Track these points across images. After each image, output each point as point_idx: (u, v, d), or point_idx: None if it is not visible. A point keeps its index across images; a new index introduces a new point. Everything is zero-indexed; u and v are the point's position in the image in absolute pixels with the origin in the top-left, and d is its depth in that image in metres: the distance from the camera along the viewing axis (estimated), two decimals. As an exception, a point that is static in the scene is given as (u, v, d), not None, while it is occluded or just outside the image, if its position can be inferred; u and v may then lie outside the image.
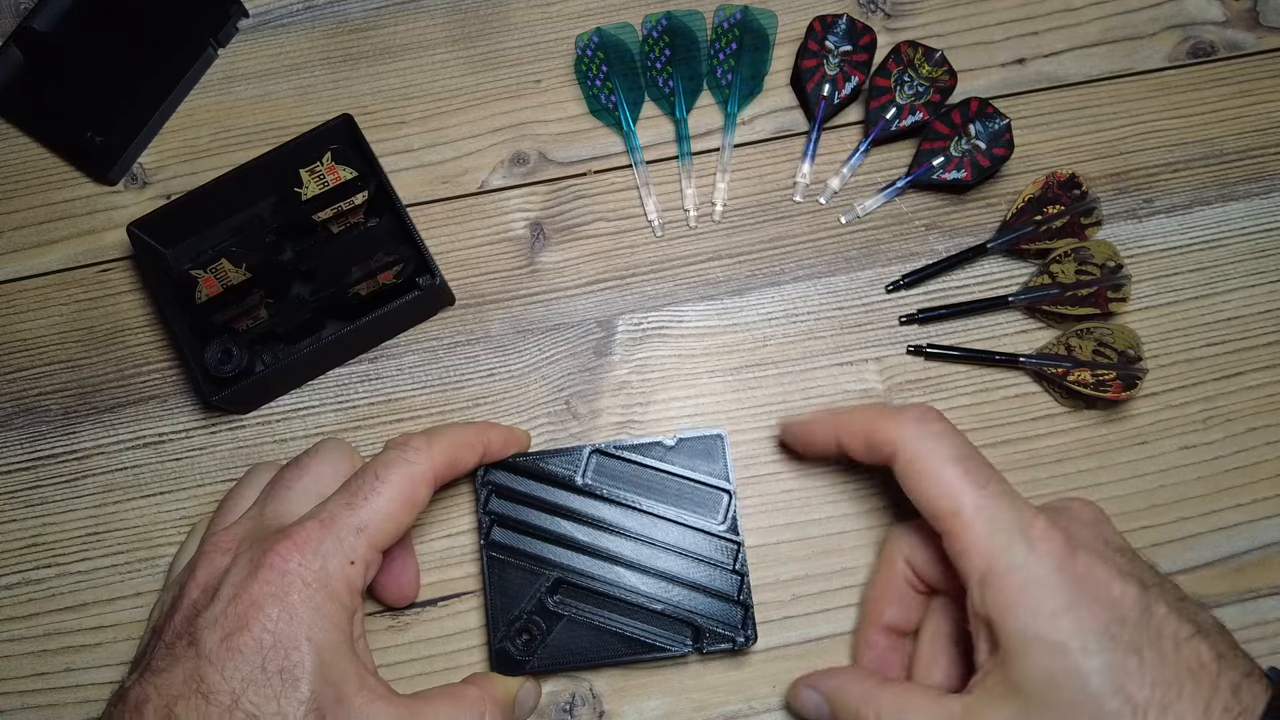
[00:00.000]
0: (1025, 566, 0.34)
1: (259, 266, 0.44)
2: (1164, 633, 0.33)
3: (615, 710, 0.43)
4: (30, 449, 0.47)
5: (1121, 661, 0.32)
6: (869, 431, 0.39)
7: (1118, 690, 0.32)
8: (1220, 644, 0.33)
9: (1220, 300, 0.48)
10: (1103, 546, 0.35)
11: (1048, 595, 0.33)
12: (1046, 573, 0.33)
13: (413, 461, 0.38)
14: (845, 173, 0.50)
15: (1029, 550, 0.34)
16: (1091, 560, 0.34)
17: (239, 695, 0.32)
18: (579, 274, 0.49)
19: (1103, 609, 0.33)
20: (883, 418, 0.38)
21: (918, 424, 0.37)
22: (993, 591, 0.34)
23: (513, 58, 0.52)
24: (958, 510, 0.35)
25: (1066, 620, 0.33)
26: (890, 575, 0.41)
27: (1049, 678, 0.32)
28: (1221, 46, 0.52)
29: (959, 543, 0.35)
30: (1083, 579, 0.33)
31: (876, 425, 0.38)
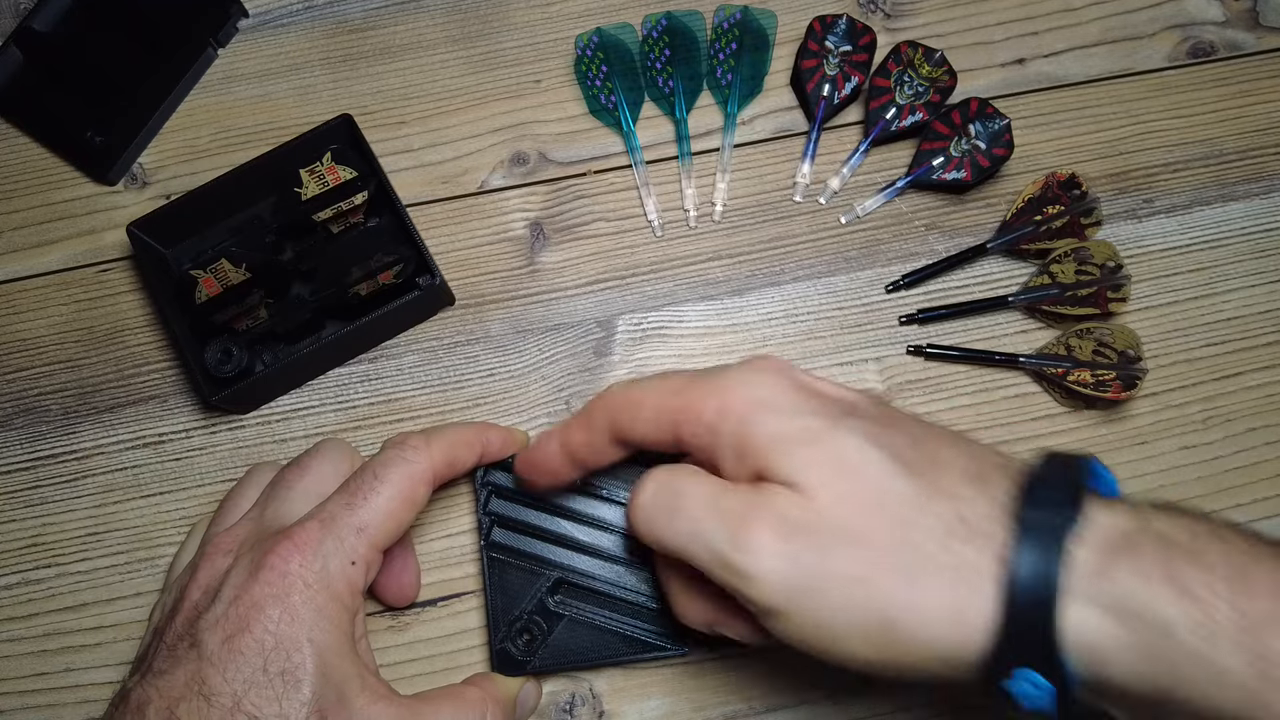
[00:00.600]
0: (748, 381, 0.32)
1: (259, 266, 0.44)
2: (907, 419, 0.32)
3: (615, 710, 0.43)
4: (30, 449, 0.47)
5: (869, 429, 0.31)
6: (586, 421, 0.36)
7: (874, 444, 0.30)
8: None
9: (1220, 300, 0.48)
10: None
11: (778, 394, 0.31)
12: (771, 380, 0.32)
13: (411, 460, 0.38)
14: (845, 173, 0.50)
15: (746, 370, 0.33)
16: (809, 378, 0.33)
17: (240, 697, 0.32)
18: (579, 274, 0.49)
19: (838, 403, 0.32)
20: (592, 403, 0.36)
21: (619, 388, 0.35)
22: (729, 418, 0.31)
23: (512, 58, 0.52)
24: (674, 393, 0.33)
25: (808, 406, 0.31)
26: None
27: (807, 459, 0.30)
28: (1221, 46, 0.52)
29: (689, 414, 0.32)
30: (802, 387, 0.32)
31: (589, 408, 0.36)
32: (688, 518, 0.31)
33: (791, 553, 0.29)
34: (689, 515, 0.31)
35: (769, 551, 0.29)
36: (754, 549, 0.29)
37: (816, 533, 0.29)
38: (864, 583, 0.28)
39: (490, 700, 0.38)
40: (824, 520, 0.29)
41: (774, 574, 0.29)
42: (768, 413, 0.31)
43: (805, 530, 0.29)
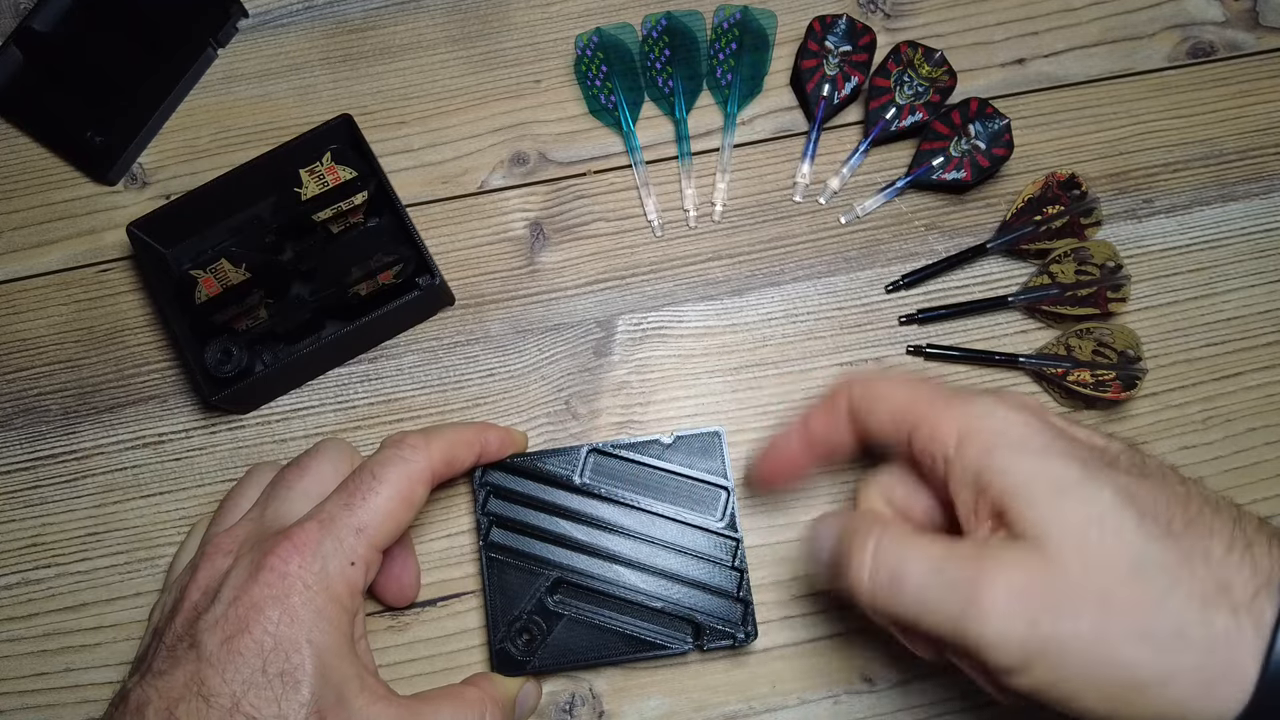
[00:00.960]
0: (999, 414, 0.32)
1: (259, 267, 0.44)
2: (1166, 474, 0.31)
3: (615, 710, 0.43)
4: (30, 449, 0.47)
5: (1126, 484, 0.30)
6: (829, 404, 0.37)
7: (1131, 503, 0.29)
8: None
9: (1220, 300, 0.48)
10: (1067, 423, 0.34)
11: (1032, 433, 0.31)
12: (1024, 418, 0.32)
13: (410, 460, 0.38)
14: (845, 173, 0.50)
15: (997, 402, 0.33)
16: (1062, 424, 0.33)
17: (240, 698, 0.32)
18: (579, 274, 0.49)
19: (1092, 450, 0.31)
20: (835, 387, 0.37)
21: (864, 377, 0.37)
22: (973, 444, 0.32)
23: (512, 58, 0.52)
24: (914, 400, 0.34)
25: (1059, 448, 0.31)
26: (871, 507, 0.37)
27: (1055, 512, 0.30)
28: (1221, 47, 0.52)
29: (927, 425, 0.33)
30: (1056, 434, 0.32)
31: (832, 393, 0.37)
32: (914, 593, 0.31)
33: (1029, 616, 0.28)
34: (914, 590, 0.31)
35: (1002, 614, 0.28)
36: (986, 616, 0.29)
37: (1058, 596, 0.28)
38: (1109, 645, 0.28)
39: (489, 700, 0.38)
40: (1068, 583, 0.28)
41: (1009, 639, 0.28)
42: (1018, 452, 0.31)
43: (1044, 593, 0.28)
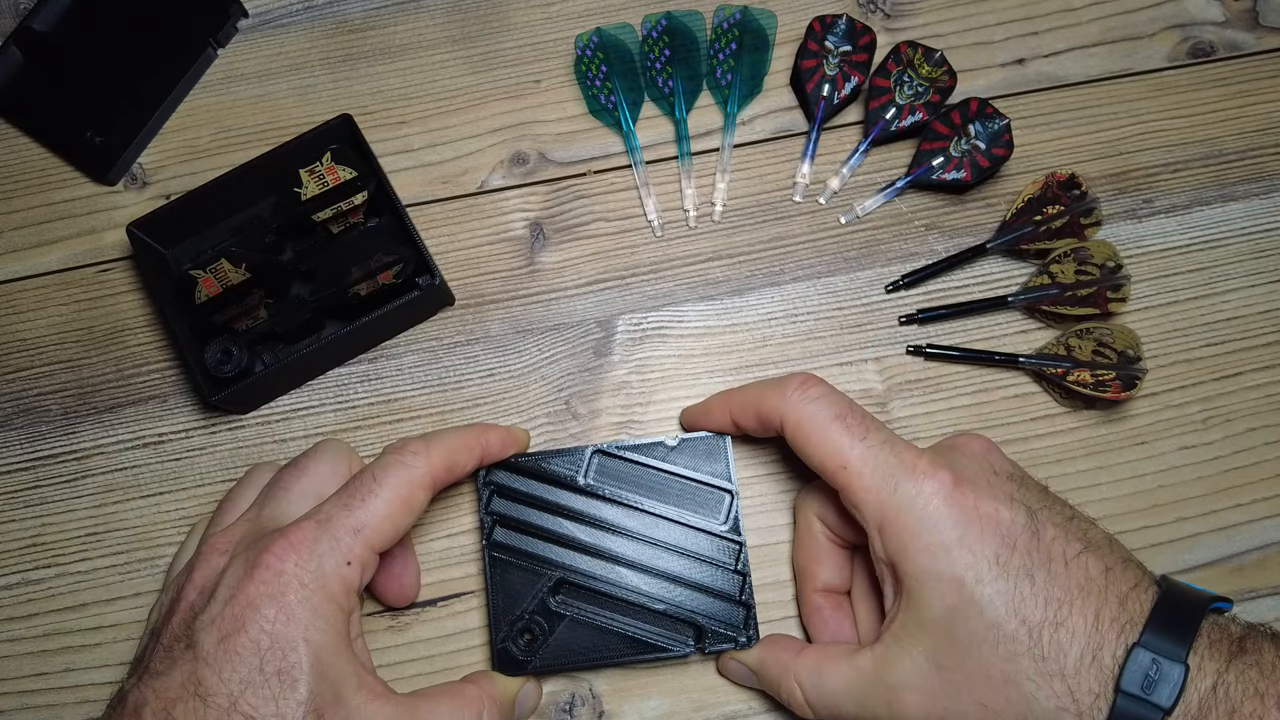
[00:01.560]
0: (914, 507, 0.35)
1: (259, 267, 0.44)
2: (1053, 553, 0.34)
3: (615, 710, 0.43)
4: (30, 449, 0.47)
5: (1015, 587, 0.33)
6: (756, 406, 0.40)
7: (1013, 614, 0.33)
8: (1109, 557, 0.35)
9: (1219, 300, 0.48)
10: (990, 476, 0.37)
11: (938, 531, 0.34)
12: (935, 509, 0.35)
13: (410, 465, 0.38)
14: (845, 173, 0.50)
15: (916, 491, 0.35)
16: (978, 492, 0.35)
17: (237, 697, 0.32)
18: (579, 274, 0.49)
19: (992, 538, 0.34)
20: (767, 391, 0.40)
21: (799, 391, 0.39)
22: (889, 535, 0.36)
23: (512, 58, 0.52)
24: (844, 464, 0.37)
25: (959, 553, 0.34)
26: (810, 537, 0.42)
27: (950, 612, 0.34)
28: (1221, 47, 0.52)
29: (852, 495, 0.37)
30: (971, 511, 0.35)
31: (762, 399, 0.40)
32: (850, 710, 0.37)
33: (930, 705, 0.35)
34: (849, 709, 0.37)
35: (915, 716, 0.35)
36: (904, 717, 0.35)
37: (948, 696, 0.34)
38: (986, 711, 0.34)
39: (488, 698, 0.38)
40: (955, 679, 0.34)
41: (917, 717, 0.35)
42: (926, 552, 0.35)
43: (939, 696, 0.34)
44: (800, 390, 0.39)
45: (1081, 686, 0.32)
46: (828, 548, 0.42)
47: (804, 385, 0.39)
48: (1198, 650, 0.32)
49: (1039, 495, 0.37)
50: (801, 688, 0.38)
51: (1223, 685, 0.31)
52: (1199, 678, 0.32)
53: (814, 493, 0.42)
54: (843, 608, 0.42)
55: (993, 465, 0.38)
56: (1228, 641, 0.33)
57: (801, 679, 0.38)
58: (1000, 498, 0.35)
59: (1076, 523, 0.36)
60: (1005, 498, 0.35)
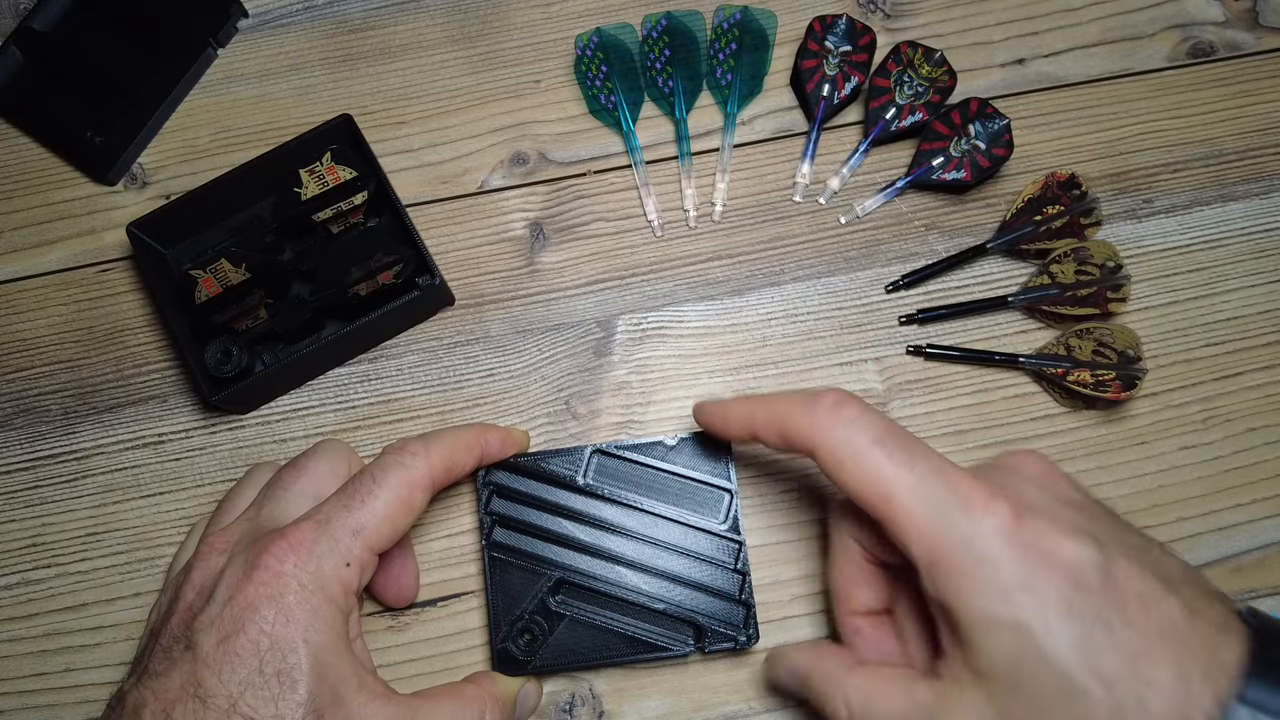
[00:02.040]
0: (971, 544, 0.31)
1: (258, 267, 0.44)
2: (1129, 595, 0.30)
3: (615, 710, 0.43)
4: (30, 449, 0.47)
5: (1088, 635, 0.30)
6: (782, 425, 0.36)
7: (1087, 666, 0.30)
8: (1190, 594, 0.31)
9: (1219, 300, 0.48)
10: (1052, 504, 0.33)
11: (999, 572, 0.31)
12: (995, 547, 0.31)
13: (410, 466, 0.38)
14: (845, 173, 0.50)
15: (972, 526, 0.31)
16: (1041, 524, 0.31)
17: (236, 699, 0.32)
18: (579, 274, 0.49)
19: (1060, 579, 0.30)
20: (796, 410, 0.36)
21: (831, 413, 0.35)
22: (943, 575, 0.32)
23: (512, 58, 0.52)
24: (890, 496, 0.33)
25: (1023, 597, 0.30)
26: (846, 558, 0.39)
27: (1014, 661, 0.31)
28: (1221, 47, 0.52)
29: (899, 530, 0.33)
30: (1034, 547, 0.31)
31: (790, 419, 0.36)
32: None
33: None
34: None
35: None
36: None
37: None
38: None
39: (489, 698, 0.38)
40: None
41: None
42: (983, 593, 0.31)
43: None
44: (833, 412, 0.35)
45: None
46: (867, 570, 0.39)
47: (837, 406, 0.35)
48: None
49: (1107, 524, 0.33)
50: (849, 708, 0.35)
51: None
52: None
53: (849, 511, 0.38)
54: (885, 627, 0.39)
55: (1054, 490, 0.34)
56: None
57: (850, 699, 0.35)
58: (1066, 530, 0.31)
59: (1150, 554, 0.32)
60: (1072, 530, 0.31)
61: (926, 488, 0.32)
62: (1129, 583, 0.30)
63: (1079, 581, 0.30)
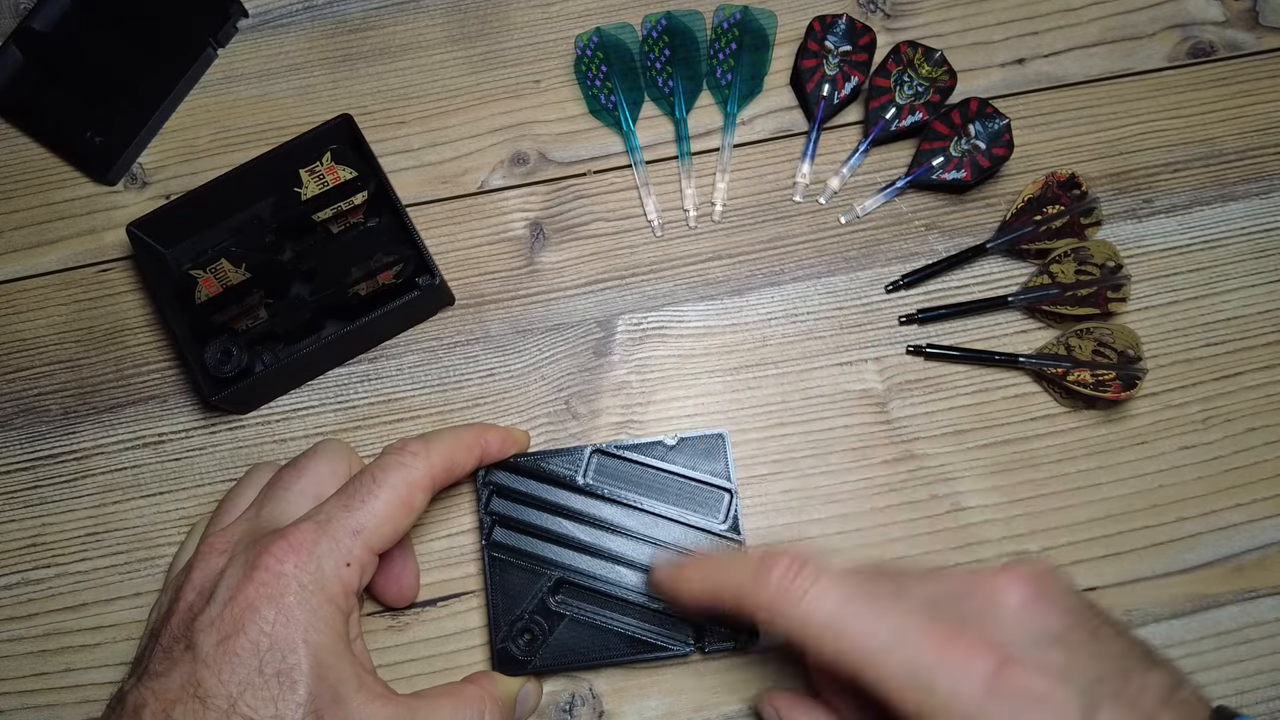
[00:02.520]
0: (955, 703, 0.31)
1: (258, 266, 0.44)
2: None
3: (615, 710, 0.43)
4: (30, 449, 0.47)
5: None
6: (738, 600, 0.35)
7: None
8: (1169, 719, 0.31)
9: (1219, 300, 0.48)
10: (1034, 647, 0.33)
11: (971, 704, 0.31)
12: (979, 704, 0.31)
13: (410, 466, 0.38)
14: (845, 173, 0.50)
15: (953, 686, 0.31)
16: (1024, 674, 0.31)
17: (236, 699, 0.32)
18: (579, 274, 0.49)
19: None
20: (750, 585, 0.35)
21: (786, 590, 0.34)
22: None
23: (512, 58, 0.52)
24: (865, 667, 0.32)
25: None
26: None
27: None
28: (1221, 46, 0.52)
29: (883, 693, 0.32)
30: (1018, 698, 0.31)
31: (745, 595, 0.35)
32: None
33: None
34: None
35: None
36: None
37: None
38: None
39: (489, 698, 0.38)
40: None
41: None
42: None
43: None
44: (787, 588, 0.34)
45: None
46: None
47: (789, 580, 0.34)
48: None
49: (1090, 655, 0.33)
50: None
51: None
52: None
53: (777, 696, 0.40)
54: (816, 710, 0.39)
55: (1035, 628, 0.33)
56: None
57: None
58: (1051, 675, 0.31)
59: (1132, 683, 0.32)
60: (1056, 676, 0.31)
61: (901, 650, 0.32)
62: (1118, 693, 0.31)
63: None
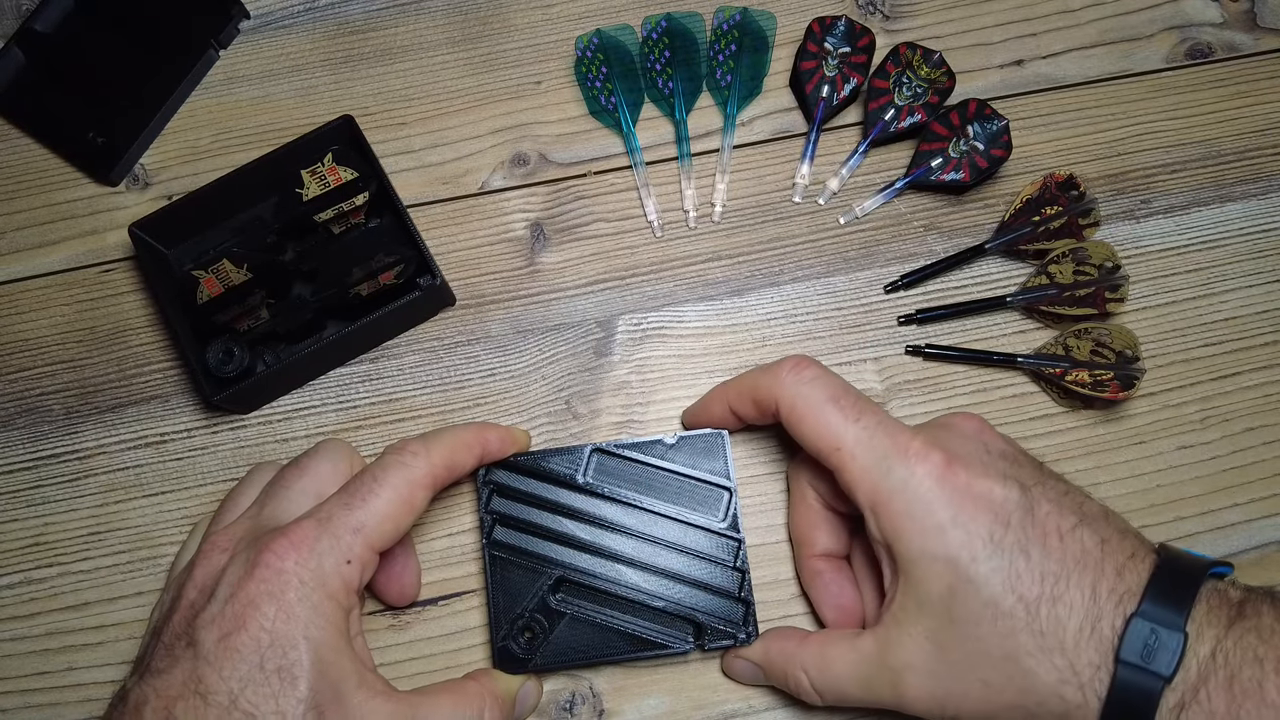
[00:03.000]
0: (907, 488, 0.35)
1: (260, 267, 0.44)
2: (1048, 528, 0.35)
3: (615, 709, 0.43)
4: (32, 449, 0.47)
5: (1010, 564, 0.34)
6: (752, 392, 0.40)
7: (1010, 591, 0.34)
8: (1105, 529, 0.35)
9: (1218, 300, 0.48)
10: (984, 454, 0.37)
11: (931, 513, 0.35)
12: (928, 490, 0.35)
13: (410, 465, 0.38)
14: (844, 174, 0.50)
15: (908, 472, 0.35)
16: (971, 471, 0.35)
17: (237, 695, 0.32)
18: (579, 274, 0.49)
19: (986, 516, 0.35)
20: (761, 375, 0.40)
21: (793, 374, 0.39)
22: (884, 517, 0.36)
23: (513, 59, 0.52)
24: (839, 446, 0.37)
25: (953, 533, 0.34)
26: (805, 505, 0.42)
27: (947, 592, 0.34)
28: (1219, 48, 0.52)
29: (846, 476, 0.37)
30: (963, 491, 0.35)
31: (757, 384, 0.40)
32: (856, 697, 0.38)
33: (938, 696, 0.35)
34: (856, 695, 0.38)
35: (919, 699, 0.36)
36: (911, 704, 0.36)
37: (951, 675, 0.35)
38: (991, 700, 0.34)
39: (489, 695, 0.38)
40: (955, 659, 0.35)
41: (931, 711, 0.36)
42: (921, 533, 0.35)
43: (941, 676, 0.35)
44: (794, 372, 0.39)
45: (1081, 659, 0.33)
46: (824, 515, 0.42)
47: (797, 367, 0.39)
48: (1195, 618, 0.32)
49: (1033, 471, 0.37)
50: (808, 675, 0.38)
51: (1221, 651, 0.32)
52: (1198, 644, 0.32)
53: (807, 462, 0.42)
54: (844, 571, 0.42)
55: (986, 444, 0.38)
56: (1226, 606, 0.33)
57: (808, 666, 0.38)
58: (993, 476, 0.36)
59: (1071, 496, 0.36)
60: (998, 475, 0.36)
61: (870, 439, 0.37)
62: (1048, 519, 0.35)
63: (1002, 518, 0.35)
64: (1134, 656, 0.32)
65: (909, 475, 0.35)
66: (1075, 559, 0.34)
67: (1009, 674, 0.33)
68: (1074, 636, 0.33)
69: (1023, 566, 0.34)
